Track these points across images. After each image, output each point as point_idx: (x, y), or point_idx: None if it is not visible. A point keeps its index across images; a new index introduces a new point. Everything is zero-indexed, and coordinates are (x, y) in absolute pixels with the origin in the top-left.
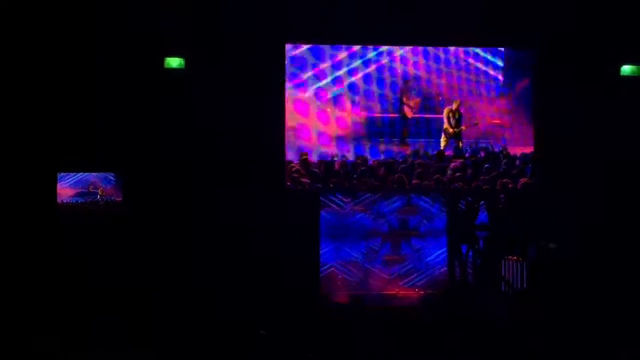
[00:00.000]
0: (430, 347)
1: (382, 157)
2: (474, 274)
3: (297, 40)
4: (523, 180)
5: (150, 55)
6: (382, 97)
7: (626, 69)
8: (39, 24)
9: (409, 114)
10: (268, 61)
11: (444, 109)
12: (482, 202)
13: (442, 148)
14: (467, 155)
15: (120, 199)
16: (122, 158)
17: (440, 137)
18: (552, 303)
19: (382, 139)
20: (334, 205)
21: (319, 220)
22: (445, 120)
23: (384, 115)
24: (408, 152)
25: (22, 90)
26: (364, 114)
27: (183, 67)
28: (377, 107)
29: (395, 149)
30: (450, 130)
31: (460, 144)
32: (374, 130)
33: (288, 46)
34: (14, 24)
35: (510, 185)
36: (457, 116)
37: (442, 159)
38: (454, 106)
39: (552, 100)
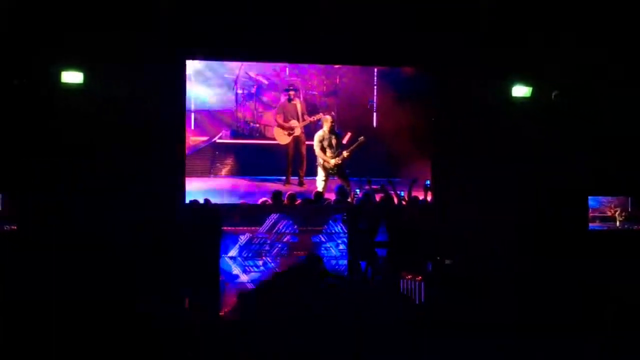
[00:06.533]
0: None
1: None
2: (373, 290)
3: (196, 57)
4: (421, 197)
5: (46, 69)
6: None
7: (518, 90)
8: None
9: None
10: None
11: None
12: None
13: (320, 190)
14: (356, 197)
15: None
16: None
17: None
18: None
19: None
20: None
21: (220, 236)
22: (317, 151)
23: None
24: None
25: None
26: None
27: (82, 82)
28: None
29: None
30: (331, 162)
31: (347, 186)
32: None
33: None
34: None
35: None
36: (332, 140)
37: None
38: (326, 127)
39: (448, 118)
